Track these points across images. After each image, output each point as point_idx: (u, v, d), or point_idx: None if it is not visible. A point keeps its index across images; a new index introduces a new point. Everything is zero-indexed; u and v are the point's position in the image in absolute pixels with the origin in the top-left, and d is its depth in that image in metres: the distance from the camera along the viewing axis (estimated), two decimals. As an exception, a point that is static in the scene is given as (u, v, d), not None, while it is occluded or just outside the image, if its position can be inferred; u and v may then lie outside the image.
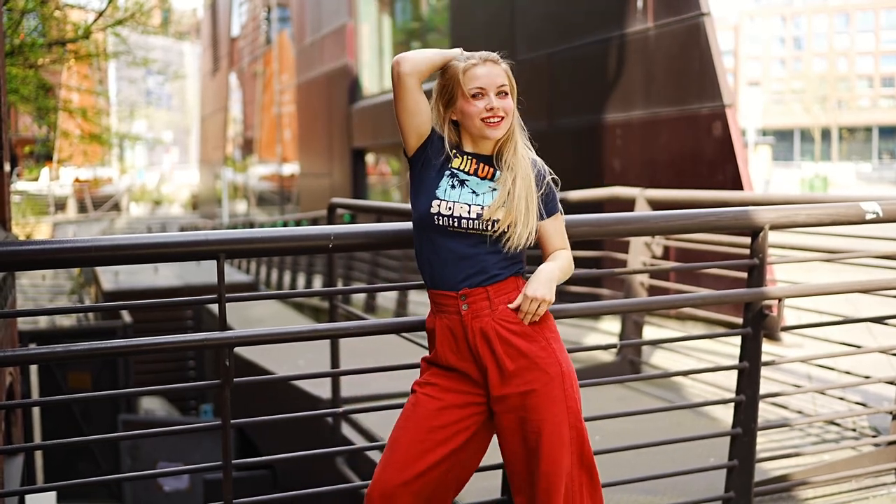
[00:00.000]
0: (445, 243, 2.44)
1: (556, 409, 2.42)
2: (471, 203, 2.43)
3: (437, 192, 2.46)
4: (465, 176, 2.48)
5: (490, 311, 2.42)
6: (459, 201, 2.43)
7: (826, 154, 77.87)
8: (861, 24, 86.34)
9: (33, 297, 24.33)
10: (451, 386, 2.47)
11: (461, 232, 2.43)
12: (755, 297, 3.48)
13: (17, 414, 7.09)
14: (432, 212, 2.44)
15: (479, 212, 2.42)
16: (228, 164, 44.78)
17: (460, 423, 2.46)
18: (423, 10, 19.89)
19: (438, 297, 2.48)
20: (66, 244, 2.70)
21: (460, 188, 2.46)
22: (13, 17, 13.73)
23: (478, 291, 2.43)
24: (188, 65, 74.59)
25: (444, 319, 2.47)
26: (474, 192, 2.45)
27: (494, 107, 2.45)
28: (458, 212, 2.42)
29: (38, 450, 9.53)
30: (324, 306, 11.09)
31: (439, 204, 2.44)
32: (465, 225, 2.42)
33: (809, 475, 3.99)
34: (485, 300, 2.43)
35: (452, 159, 2.50)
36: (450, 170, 2.49)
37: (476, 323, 2.42)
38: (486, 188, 2.46)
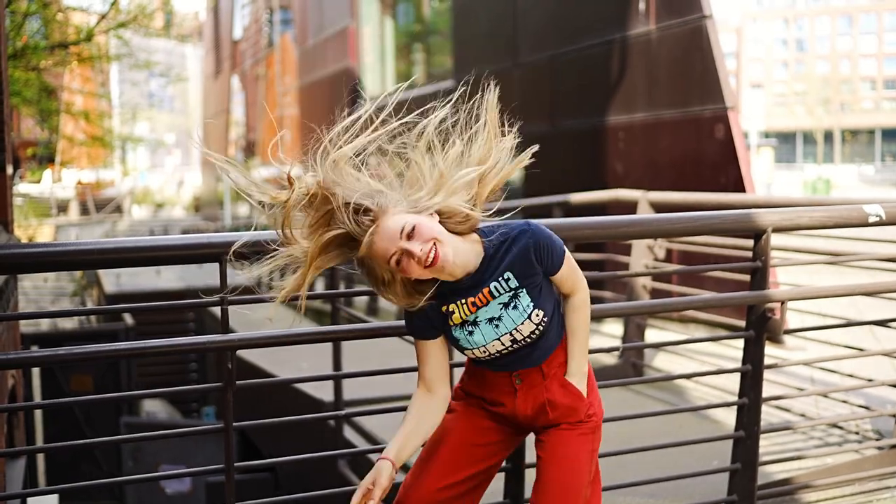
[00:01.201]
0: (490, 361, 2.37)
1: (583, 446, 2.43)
2: (499, 336, 2.29)
3: (463, 345, 2.32)
4: (472, 316, 2.30)
5: (542, 381, 2.38)
6: (488, 343, 2.30)
7: (829, 156, 77.82)
8: (864, 27, 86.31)
9: (35, 299, 24.33)
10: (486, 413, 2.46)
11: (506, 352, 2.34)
12: (758, 300, 3.48)
13: (20, 416, 7.09)
14: (471, 358, 2.37)
15: (511, 338, 2.29)
16: (231, 166, 44.77)
17: (498, 445, 2.47)
18: (425, 12, 19.90)
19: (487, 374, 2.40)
20: (68, 247, 2.70)
21: (477, 329, 2.30)
22: (16, 19, 13.75)
23: (532, 370, 2.38)
24: (190, 67, 74.66)
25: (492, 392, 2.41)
26: (492, 323, 2.29)
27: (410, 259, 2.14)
28: (492, 349, 2.31)
29: (40, 452, 9.54)
30: (326, 309, 11.07)
31: (473, 352, 2.33)
32: (505, 353, 2.32)
33: (812, 478, 3.98)
34: (538, 374, 2.38)
35: (450, 317, 2.30)
36: (454, 326, 2.31)
37: (530, 394, 2.39)
38: (498, 310, 2.28)
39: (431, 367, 2.36)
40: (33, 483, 8.36)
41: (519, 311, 2.27)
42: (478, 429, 2.45)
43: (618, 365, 6.30)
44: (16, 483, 5.98)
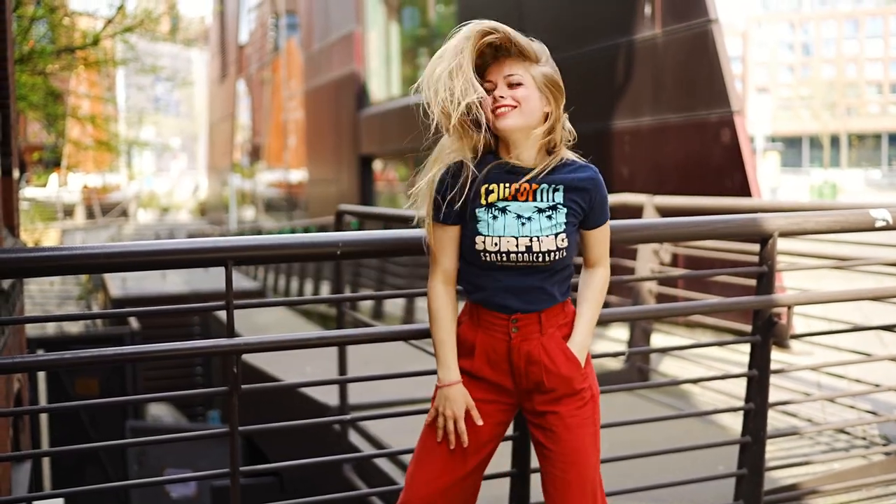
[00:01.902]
0: (494, 275, 2.36)
1: (586, 431, 2.44)
2: (517, 235, 2.31)
3: (479, 228, 2.33)
4: (505, 203, 2.34)
5: (539, 335, 2.39)
6: (505, 234, 2.31)
7: (835, 161, 77.75)
8: (870, 30, 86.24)
9: (41, 303, 24.40)
10: (482, 397, 2.44)
11: (511, 265, 2.34)
12: (764, 305, 3.47)
13: (25, 420, 7.10)
14: (477, 248, 2.34)
15: (528, 244, 2.31)
16: (236, 170, 44.90)
17: (491, 432, 2.47)
18: (430, 16, 19.93)
19: (485, 314, 2.41)
20: (74, 251, 2.70)
21: (503, 217, 2.33)
22: (23, 24, 13.81)
23: (530, 316, 2.38)
24: (196, 72, 74.88)
25: (487, 336, 2.41)
26: (519, 219, 2.33)
27: (502, 95, 2.33)
28: (506, 247, 2.31)
29: (45, 456, 9.55)
30: (331, 313, 11.08)
31: (483, 240, 2.32)
32: (515, 259, 2.32)
33: (819, 484, 3.97)
34: (536, 324, 2.38)
35: (487, 194, 2.35)
36: (486, 202, 2.34)
37: (524, 346, 2.39)
38: (531, 211, 2.34)
39: (451, 256, 2.42)
40: (39, 487, 8.38)
41: (550, 223, 2.33)
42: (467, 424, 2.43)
43: (623, 369, 6.29)
44: (21, 487, 5.99)
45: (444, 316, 2.43)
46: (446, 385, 2.41)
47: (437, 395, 2.43)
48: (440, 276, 2.43)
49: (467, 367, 2.45)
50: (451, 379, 2.41)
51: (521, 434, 3.09)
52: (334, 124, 23.92)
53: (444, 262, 2.42)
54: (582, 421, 2.43)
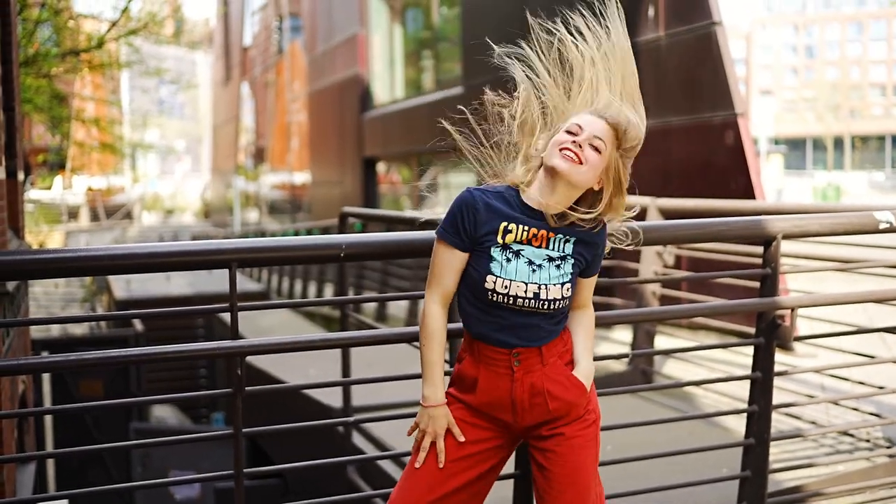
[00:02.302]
0: (501, 313, 2.37)
1: (587, 453, 2.45)
2: (528, 281, 2.33)
3: (493, 268, 2.33)
4: (519, 246, 2.35)
5: (541, 367, 2.39)
6: (516, 279, 2.32)
7: (839, 163, 77.62)
8: (874, 33, 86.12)
9: (46, 305, 24.45)
10: (478, 423, 2.45)
11: (516, 309, 2.35)
12: (768, 307, 3.47)
13: (30, 422, 7.12)
14: (486, 287, 2.34)
15: (536, 291, 2.33)
16: (240, 172, 44.96)
17: (484, 454, 2.46)
18: (434, 19, 19.94)
19: (485, 349, 2.40)
20: (78, 253, 2.70)
21: (515, 261, 2.34)
22: (27, 27, 13.84)
23: (530, 350, 2.38)
24: (200, 74, 74.97)
25: (489, 373, 2.41)
26: (530, 265, 2.34)
27: (579, 142, 2.32)
28: (515, 291, 2.32)
29: (50, 458, 9.56)
30: (335, 315, 11.09)
31: (494, 281, 2.33)
32: (521, 304, 2.34)
33: (823, 486, 3.97)
34: (537, 356, 2.39)
35: (505, 233, 2.35)
36: (503, 242, 2.34)
37: (527, 378, 2.39)
38: (542, 259, 2.35)
39: (453, 279, 2.42)
40: (43, 488, 8.39)
41: (559, 273, 2.36)
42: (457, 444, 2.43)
43: (627, 372, 6.29)
44: (26, 488, 6.00)
45: (438, 338, 2.44)
46: (432, 406, 2.41)
47: (421, 414, 2.44)
48: (439, 297, 2.43)
49: (468, 400, 2.45)
50: (438, 400, 2.41)
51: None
52: (338, 127, 23.94)
53: (446, 284, 2.42)
54: (585, 442, 2.44)
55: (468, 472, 2.44)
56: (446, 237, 2.38)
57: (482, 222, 2.35)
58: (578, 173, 2.31)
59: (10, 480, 4.92)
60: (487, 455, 2.46)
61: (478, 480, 2.46)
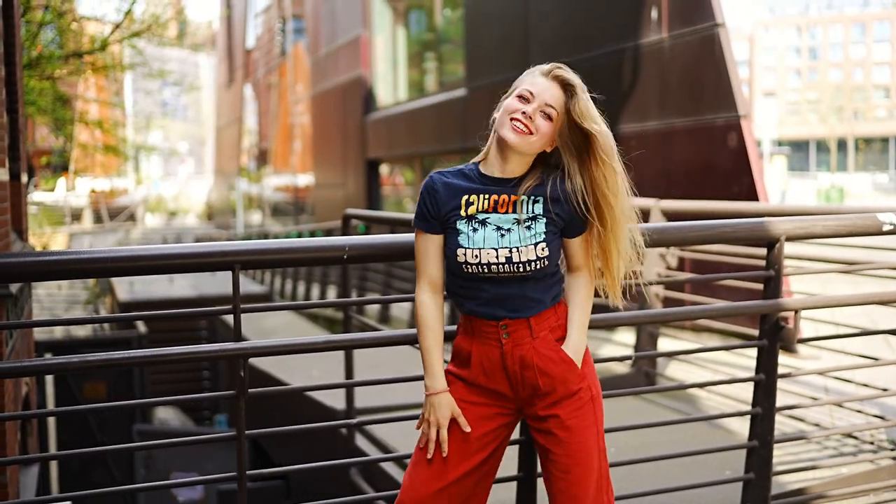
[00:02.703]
0: (479, 285, 2.38)
1: (588, 433, 2.44)
2: (497, 247, 2.33)
3: (460, 240, 2.36)
4: (485, 215, 2.37)
5: (531, 340, 2.40)
6: (484, 247, 2.34)
7: (842, 165, 77.52)
8: (877, 34, 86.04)
9: (49, 307, 24.47)
10: (479, 400, 2.45)
11: (493, 276, 2.36)
12: (771, 309, 3.46)
13: (33, 424, 7.12)
14: (459, 261, 2.36)
15: (508, 255, 2.33)
16: (243, 174, 44.99)
17: (490, 435, 2.47)
18: (437, 21, 19.94)
19: (477, 323, 2.42)
20: (81, 255, 2.71)
21: (482, 229, 2.35)
22: (31, 29, 13.86)
23: (519, 322, 2.39)
24: (204, 76, 75.09)
25: (481, 345, 2.42)
26: (498, 231, 2.35)
27: (528, 113, 2.33)
28: (486, 258, 2.33)
29: (53, 460, 9.57)
30: (338, 317, 11.10)
31: (464, 252, 2.35)
32: (496, 270, 2.34)
33: (827, 489, 3.96)
34: (526, 329, 2.39)
35: (468, 206, 2.38)
36: (465, 214, 2.37)
37: (517, 351, 2.39)
38: (510, 223, 2.36)
39: (435, 264, 2.45)
40: (46, 490, 8.40)
41: (529, 234, 2.35)
42: (471, 420, 2.44)
43: (630, 374, 6.28)
44: (29, 490, 6.01)
45: (431, 324, 2.46)
46: (433, 393, 2.43)
47: (425, 404, 2.46)
48: (426, 284, 2.46)
49: (464, 375, 2.47)
50: (438, 387, 2.43)
51: (527, 438, 3.09)
52: (341, 128, 23.95)
53: (429, 271, 2.45)
54: (581, 422, 2.43)
55: (476, 455, 2.45)
56: (418, 224, 2.44)
57: (443, 201, 2.39)
58: (528, 143, 2.34)
59: (13, 482, 4.93)
60: (493, 435, 2.48)
61: (487, 460, 2.48)
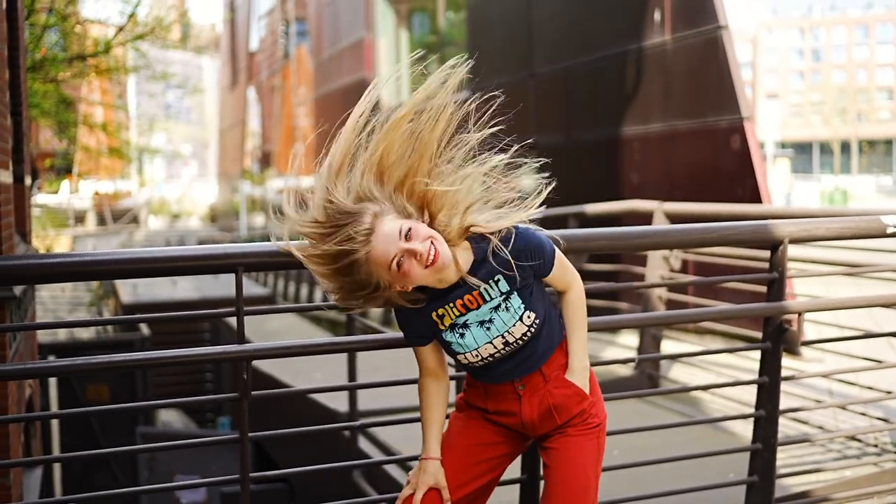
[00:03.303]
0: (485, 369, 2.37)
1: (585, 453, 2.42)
2: (491, 339, 2.29)
3: (455, 349, 2.31)
4: (463, 318, 2.29)
5: (545, 384, 2.39)
6: (480, 346, 2.29)
7: (846, 167, 77.44)
8: (881, 36, 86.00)
9: (53, 309, 24.48)
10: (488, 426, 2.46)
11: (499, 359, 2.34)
12: (775, 312, 3.46)
13: (37, 426, 7.13)
14: (463, 363, 2.35)
15: (504, 340, 2.29)
16: (246, 177, 45.04)
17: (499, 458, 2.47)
18: (440, 24, 19.96)
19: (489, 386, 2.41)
20: (85, 257, 2.71)
21: (468, 332, 2.29)
22: (34, 32, 13.88)
23: (533, 375, 2.38)
24: (207, 79, 75.15)
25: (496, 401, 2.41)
26: (485, 327, 2.29)
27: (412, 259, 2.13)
28: (485, 353, 2.31)
29: (56, 462, 9.57)
30: (341, 319, 11.09)
31: (465, 356, 2.31)
32: (498, 356, 2.32)
33: (830, 491, 3.95)
34: (540, 377, 2.38)
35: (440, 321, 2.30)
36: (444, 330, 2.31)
37: (535, 397, 2.39)
38: (488, 313, 2.28)
39: (431, 362, 2.43)
40: (50, 492, 8.40)
41: (510, 313, 2.27)
42: (479, 445, 2.44)
43: (633, 376, 6.28)
44: (32, 492, 6.01)
45: (432, 404, 2.46)
46: (424, 458, 2.42)
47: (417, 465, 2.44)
48: (426, 374, 2.46)
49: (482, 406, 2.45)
50: (431, 454, 2.42)
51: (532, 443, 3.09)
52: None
53: (428, 365, 2.44)
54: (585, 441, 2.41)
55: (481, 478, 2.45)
56: (411, 340, 2.41)
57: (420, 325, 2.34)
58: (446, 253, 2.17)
59: (16, 484, 4.93)
60: (500, 461, 2.48)
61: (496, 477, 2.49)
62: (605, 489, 3.77)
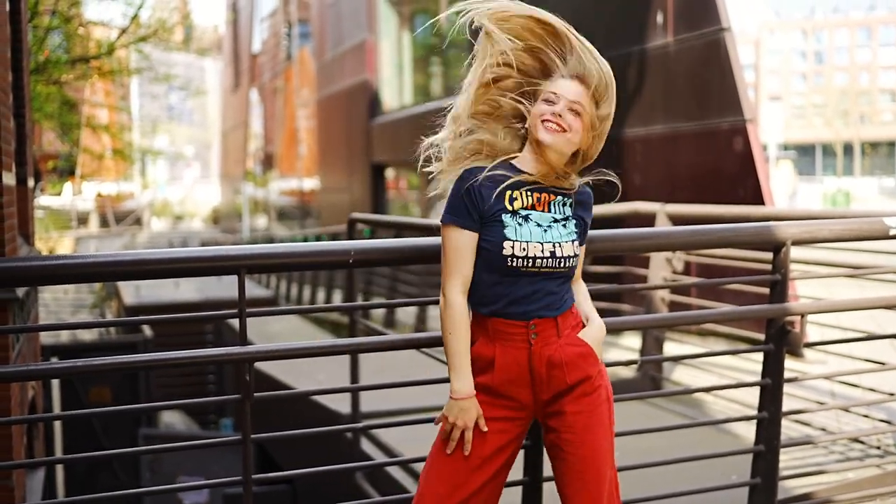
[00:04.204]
0: (518, 281, 2.38)
1: (602, 431, 2.45)
2: (542, 241, 2.37)
3: (507, 233, 2.37)
4: (527, 212, 2.40)
5: (557, 339, 2.41)
6: (532, 241, 2.37)
7: (848, 169, 77.40)
8: (883, 38, 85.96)
9: (55, 311, 24.49)
10: (499, 415, 2.44)
11: (534, 272, 2.38)
12: (777, 313, 3.46)
13: (39, 428, 7.13)
14: (505, 254, 2.36)
15: (552, 249, 2.37)
16: (249, 179, 45.06)
17: (505, 449, 2.46)
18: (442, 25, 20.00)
19: (503, 325, 2.41)
20: (88, 259, 2.71)
21: (526, 224, 2.38)
22: (38, 34, 13.90)
23: (547, 321, 2.40)
24: (209, 80, 75.23)
25: (505, 348, 2.41)
26: (541, 228, 2.39)
27: (557, 112, 2.38)
28: (532, 252, 2.36)
29: (59, 464, 9.58)
30: (344, 321, 11.09)
31: (512, 245, 2.36)
32: (540, 264, 2.37)
33: (833, 493, 3.95)
34: (553, 328, 2.41)
35: (511, 201, 2.40)
36: (510, 208, 2.39)
37: (545, 351, 2.40)
38: (549, 221, 2.41)
39: (471, 262, 2.44)
40: (52, 494, 8.40)
41: (566, 231, 2.42)
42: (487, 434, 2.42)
43: (636, 378, 6.28)
44: (35, 494, 6.01)
45: (464, 327, 2.43)
46: (462, 398, 2.40)
47: (450, 406, 2.42)
48: (460, 284, 2.42)
49: (486, 381, 2.44)
50: (467, 391, 2.40)
51: (533, 443, 3.09)
52: (346, 133, 23.98)
53: (464, 269, 2.42)
54: (599, 420, 2.45)
55: (492, 464, 2.44)
56: (456, 220, 2.41)
57: (487, 196, 2.39)
58: (565, 141, 2.40)
59: (19, 486, 4.94)
60: (510, 445, 2.47)
61: (501, 470, 2.48)
62: (607, 491, 3.75)
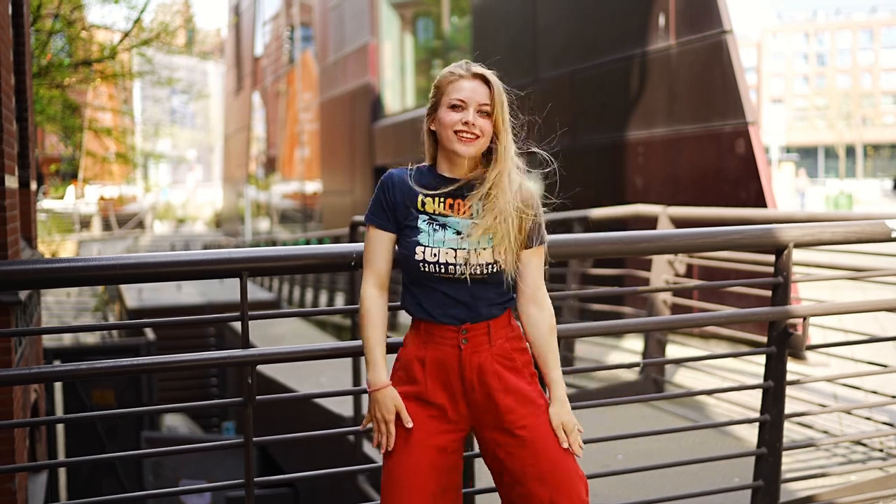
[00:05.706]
0: (437, 286, 2.36)
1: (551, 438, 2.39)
2: (456, 248, 2.33)
3: (420, 238, 2.35)
4: (444, 218, 2.37)
5: (488, 347, 2.38)
6: (443, 247, 2.33)
7: (851, 171, 77.31)
8: (886, 41, 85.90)
9: (58, 314, 24.53)
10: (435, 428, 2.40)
11: (450, 277, 2.34)
12: (780, 316, 3.46)
13: (42, 431, 7.14)
14: (416, 259, 2.34)
15: (466, 257, 2.32)
16: (251, 182, 45.08)
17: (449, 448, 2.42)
18: (445, 28, 19.98)
19: (434, 329, 2.38)
20: (90, 262, 2.72)
21: (442, 231, 2.35)
22: (40, 37, 13.93)
23: (478, 326, 2.37)
24: (212, 84, 75.30)
25: (436, 352, 2.39)
26: (458, 234, 2.34)
27: (469, 121, 2.35)
28: (444, 258, 2.33)
29: (61, 467, 9.58)
30: (346, 324, 11.10)
31: (423, 251, 2.34)
32: (453, 271, 2.33)
33: (836, 496, 3.94)
34: (485, 335, 2.38)
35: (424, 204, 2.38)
36: (425, 213, 2.37)
37: (475, 358, 2.37)
38: (467, 227, 2.35)
39: (385, 260, 2.45)
40: (54, 497, 8.41)
41: (486, 237, 2.34)
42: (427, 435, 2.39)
43: (638, 381, 6.27)
44: (38, 497, 6.01)
45: (376, 318, 2.43)
46: (377, 389, 2.40)
47: (369, 403, 2.43)
48: (373, 279, 2.45)
49: (413, 391, 2.41)
50: (382, 382, 2.40)
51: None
52: (349, 135, 23.98)
53: (377, 266, 2.44)
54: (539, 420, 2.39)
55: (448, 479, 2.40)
56: (373, 220, 2.43)
57: (400, 199, 2.40)
58: (479, 147, 2.37)
59: (21, 489, 4.94)
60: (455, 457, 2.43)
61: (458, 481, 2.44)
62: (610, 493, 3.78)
